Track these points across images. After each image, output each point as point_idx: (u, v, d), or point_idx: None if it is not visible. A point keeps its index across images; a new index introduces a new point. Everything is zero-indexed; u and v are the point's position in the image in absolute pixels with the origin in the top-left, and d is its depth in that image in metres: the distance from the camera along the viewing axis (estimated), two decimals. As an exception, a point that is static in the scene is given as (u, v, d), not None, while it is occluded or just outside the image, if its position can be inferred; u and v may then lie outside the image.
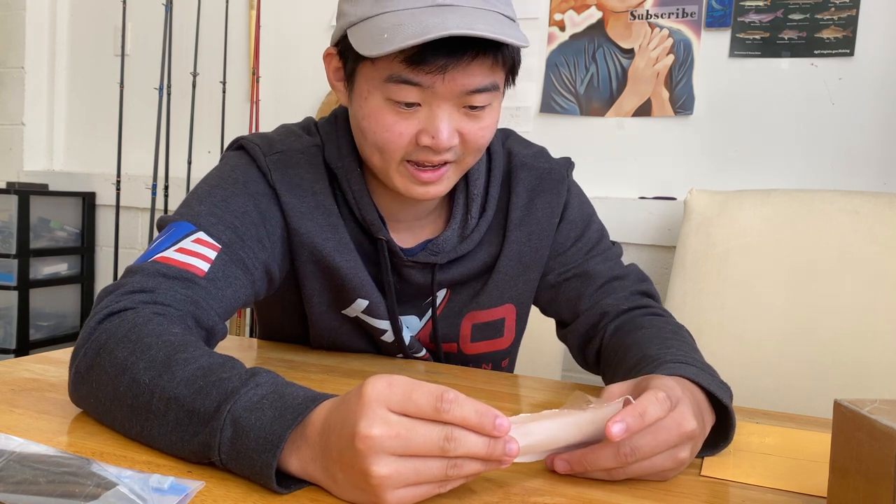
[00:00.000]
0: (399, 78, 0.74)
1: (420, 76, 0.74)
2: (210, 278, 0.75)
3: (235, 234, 0.80)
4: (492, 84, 0.77)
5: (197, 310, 0.72)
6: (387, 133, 0.77)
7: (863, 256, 1.40)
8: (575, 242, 0.96)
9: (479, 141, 0.80)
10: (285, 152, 0.87)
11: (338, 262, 0.87)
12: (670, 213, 1.79)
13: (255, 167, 0.86)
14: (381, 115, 0.77)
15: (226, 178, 0.85)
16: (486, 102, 0.78)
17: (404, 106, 0.76)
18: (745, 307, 1.44)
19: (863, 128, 1.68)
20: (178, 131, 2.28)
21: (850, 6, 1.66)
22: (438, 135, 0.76)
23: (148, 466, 0.55)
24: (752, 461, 0.64)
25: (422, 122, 0.76)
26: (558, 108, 1.93)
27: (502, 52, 0.76)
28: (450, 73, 0.73)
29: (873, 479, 0.44)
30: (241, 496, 0.51)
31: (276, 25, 2.27)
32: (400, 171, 0.80)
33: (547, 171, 0.95)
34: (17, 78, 2.53)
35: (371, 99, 0.77)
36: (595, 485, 0.57)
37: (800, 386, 1.37)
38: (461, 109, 0.77)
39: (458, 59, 0.73)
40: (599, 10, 1.88)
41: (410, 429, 0.47)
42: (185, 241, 0.76)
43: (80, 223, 2.50)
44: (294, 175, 0.86)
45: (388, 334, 0.93)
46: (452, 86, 0.75)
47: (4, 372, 0.80)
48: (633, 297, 0.92)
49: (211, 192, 0.83)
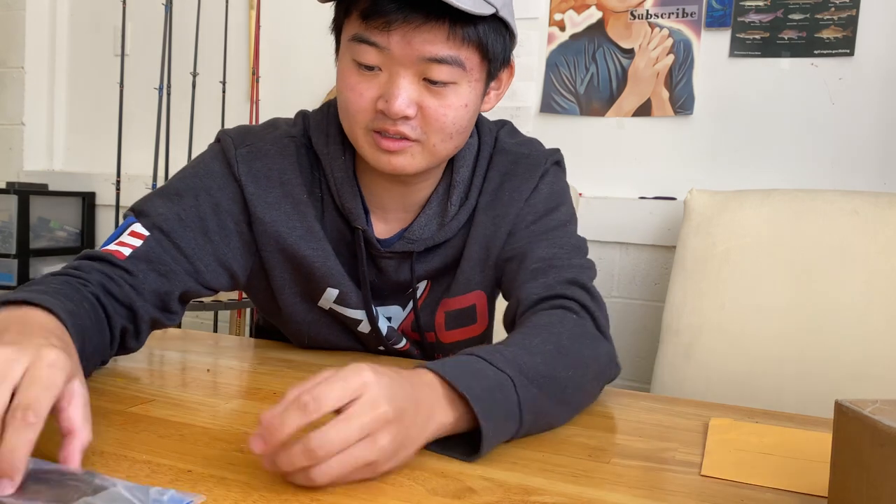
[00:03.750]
0: (359, 37, 0.77)
1: (374, 34, 0.76)
2: (131, 260, 0.79)
3: (178, 223, 0.84)
4: (451, 57, 0.76)
5: (110, 284, 0.76)
6: (350, 93, 0.79)
7: (863, 256, 1.40)
8: (529, 225, 0.90)
9: (440, 119, 0.79)
10: (255, 144, 0.89)
11: (304, 251, 0.88)
12: (670, 213, 1.79)
13: (222, 159, 0.89)
14: (347, 76, 0.80)
15: (191, 172, 0.89)
16: (447, 78, 0.77)
17: (366, 68, 0.78)
18: (745, 307, 1.44)
19: (863, 128, 1.68)
20: (178, 131, 2.28)
21: (850, 6, 1.66)
22: (392, 99, 0.76)
23: (148, 466, 0.55)
24: (752, 461, 0.64)
25: (380, 88, 0.78)
26: (558, 108, 1.93)
27: (463, 27, 0.76)
28: (398, 30, 0.74)
29: (874, 480, 0.44)
30: (242, 496, 0.51)
31: (276, 25, 2.27)
32: (367, 140, 0.82)
33: (524, 156, 0.94)
34: (17, 78, 2.53)
35: (342, 61, 0.81)
36: (595, 484, 0.57)
37: (800, 386, 1.37)
38: (421, 81, 0.78)
39: (407, 18, 0.74)
40: (599, 10, 1.88)
41: None
42: (124, 234, 0.82)
43: (80, 223, 2.50)
44: (262, 167, 0.88)
45: (364, 324, 0.94)
46: (408, 49, 0.75)
47: (4, 372, 0.80)
48: (556, 286, 0.83)
49: (171, 185, 0.88)
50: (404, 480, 0.55)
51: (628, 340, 1.83)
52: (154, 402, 0.71)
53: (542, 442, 0.67)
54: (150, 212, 0.84)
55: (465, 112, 0.81)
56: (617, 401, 0.84)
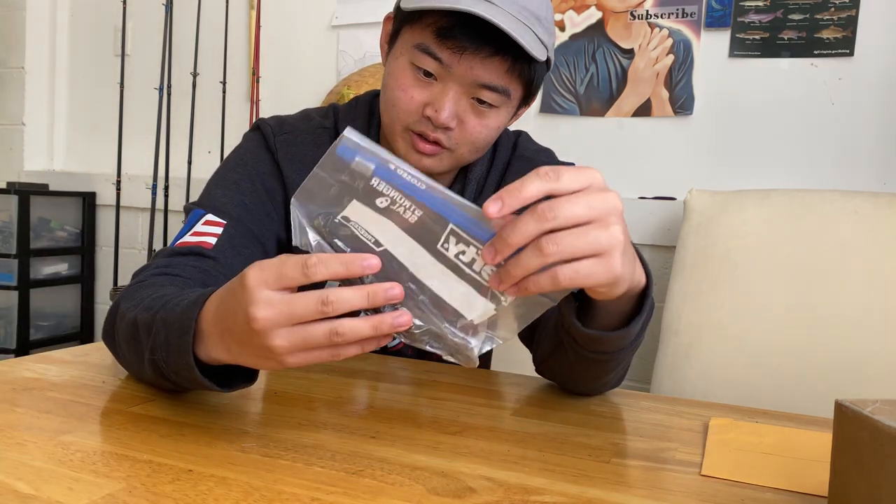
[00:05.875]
0: (425, 48, 0.82)
1: (442, 51, 0.81)
2: (218, 249, 0.84)
3: (245, 209, 0.89)
4: (503, 87, 0.83)
5: (206, 278, 0.81)
6: (401, 91, 0.85)
7: (863, 256, 1.40)
8: None
9: (476, 135, 0.86)
10: (292, 133, 0.96)
11: None
12: (670, 213, 1.79)
13: (264, 147, 0.95)
14: (402, 75, 0.85)
15: (239, 160, 0.95)
16: (493, 103, 0.84)
17: (423, 73, 0.83)
18: (745, 307, 1.44)
19: (863, 128, 1.68)
20: (178, 131, 2.28)
21: (850, 6, 1.66)
22: (441, 110, 0.83)
23: (149, 465, 0.55)
24: (752, 461, 0.64)
25: (432, 96, 0.84)
26: (558, 109, 1.93)
27: (522, 64, 0.82)
28: (467, 57, 0.80)
29: (874, 480, 0.45)
30: (242, 496, 0.51)
31: (276, 25, 2.27)
32: (403, 137, 0.87)
33: (543, 164, 0.98)
34: (17, 78, 2.53)
35: (400, 59, 0.85)
36: (595, 484, 0.57)
37: (800, 386, 1.37)
38: (469, 100, 0.84)
39: (478, 48, 0.80)
40: (599, 11, 1.88)
41: (290, 301, 0.54)
42: (198, 224, 0.86)
43: (81, 223, 2.50)
44: (298, 153, 0.94)
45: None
46: (467, 72, 0.81)
47: (5, 371, 0.80)
48: None
49: (225, 176, 0.93)
50: (404, 480, 0.55)
51: (628, 340, 1.83)
52: (155, 402, 0.72)
53: (543, 442, 0.67)
54: (217, 202, 0.89)
55: (496, 132, 0.89)
56: (617, 401, 0.84)
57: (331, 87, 2.16)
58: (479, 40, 0.79)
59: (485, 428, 0.70)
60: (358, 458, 0.59)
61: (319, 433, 0.65)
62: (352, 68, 2.16)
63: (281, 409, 0.73)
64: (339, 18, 2.19)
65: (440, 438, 0.66)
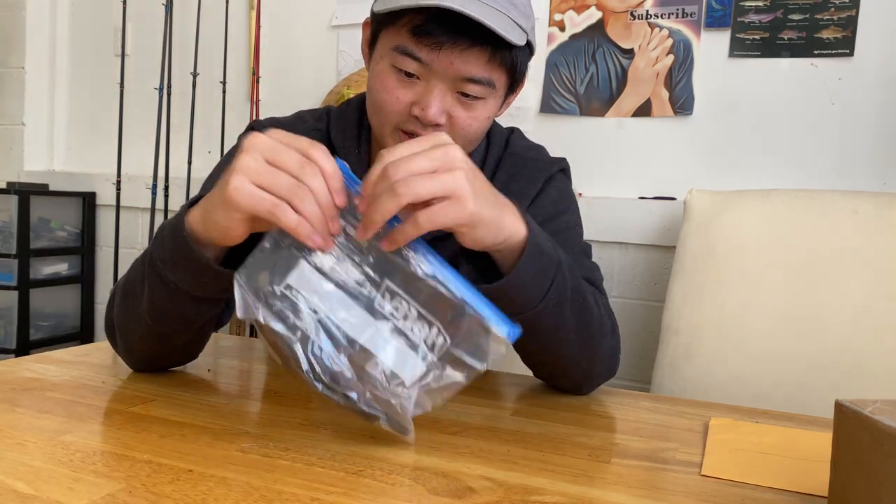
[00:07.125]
0: (404, 49, 0.81)
1: (421, 50, 0.80)
2: None
3: None
4: (486, 79, 0.82)
5: None
6: (385, 94, 0.84)
7: (863, 256, 1.40)
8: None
9: (467, 129, 0.86)
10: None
11: None
12: (670, 213, 1.79)
13: None
14: (385, 78, 0.84)
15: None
16: (479, 94, 0.84)
17: (405, 75, 0.83)
18: (745, 307, 1.44)
19: (863, 128, 1.68)
20: (178, 131, 2.28)
21: (850, 6, 1.66)
22: (428, 108, 0.82)
23: (149, 465, 0.55)
24: (752, 461, 0.64)
25: (417, 94, 0.83)
26: (558, 109, 1.93)
27: (501, 52, 0.81)
28: (445, 51, 0.80)
29: (874, 480, 0.45)
30: (242, 496, 0.51)
31: (275, 25, 2.27)
32: (394, 137, 0.86)
33: (532, 159, 0.98)
34: (17, 78, 2.53)
35: (381, 63, 0.85)
36: (595, 484, 0.57)
37: (800, 385, 1.37)
38: (455, 94, 0.83)
39: (455, 41, 0.79)
40: (599, 11, 1.88)
41: (277, 148, 0.60)
42: None
43: (81, 223, 2.50)
44: None
45: None
46: (448, 67, 0.81)
47: (5, 371, 0.80)
48: None
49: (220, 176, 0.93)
50: (404, 480, 0.55)
51: (628, 340, 1.83)
52: (155, 402, 0.72)
53: (543, 442, 0.67)
54: None
55: (487, 122, 0.89)
56: (617, 401, 0.84)
57: (331, 87, 2.16)
58: (456, 33, 0.79)
59: (484, 428, 0.70)
60: (358, 458, 0.59)
61: (319, 433, 0.65)
62: (352, 68, 2.16)
63: (281, 409, 0.73)
64: (339, 18, 2.19)
65: (440, 438, 0.66)
